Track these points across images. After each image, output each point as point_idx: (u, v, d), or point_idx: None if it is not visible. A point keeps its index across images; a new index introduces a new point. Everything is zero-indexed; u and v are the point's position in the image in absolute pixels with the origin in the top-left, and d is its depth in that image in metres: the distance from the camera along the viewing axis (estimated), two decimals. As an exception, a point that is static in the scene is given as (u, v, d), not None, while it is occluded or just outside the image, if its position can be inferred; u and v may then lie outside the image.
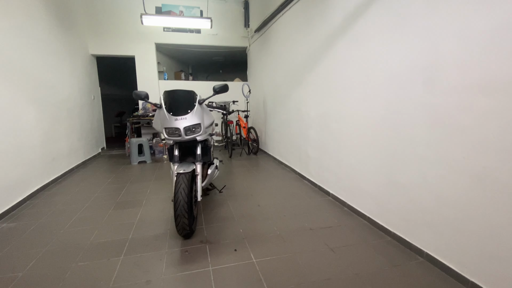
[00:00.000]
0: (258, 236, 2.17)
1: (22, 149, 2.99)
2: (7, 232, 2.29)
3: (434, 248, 1.75)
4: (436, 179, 1.69)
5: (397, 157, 1.99)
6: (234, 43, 6.33)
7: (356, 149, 2.48)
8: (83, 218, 2.55)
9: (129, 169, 4.43)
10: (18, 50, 3.04)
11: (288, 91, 4.03)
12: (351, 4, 2.42)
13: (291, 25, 3.79)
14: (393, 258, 1.84)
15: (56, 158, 3.77)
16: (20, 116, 3.00)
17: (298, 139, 3.79)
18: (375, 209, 2.28)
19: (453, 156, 1.57)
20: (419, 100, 1.77)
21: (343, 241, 2.07)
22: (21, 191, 2.92)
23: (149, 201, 2.95)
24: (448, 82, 1.57)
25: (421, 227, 1.83)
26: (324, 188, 3.10)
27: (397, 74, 1.94)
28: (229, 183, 3.54)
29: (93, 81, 5.64)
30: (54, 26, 3.99)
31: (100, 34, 5.56)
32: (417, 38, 1.76)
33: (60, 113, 4.02)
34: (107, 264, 1.82)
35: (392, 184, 2.06)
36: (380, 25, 2.08)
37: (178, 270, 1.75)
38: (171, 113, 2.15)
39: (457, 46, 1.51)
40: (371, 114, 2.24)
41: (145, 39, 5.82)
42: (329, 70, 2.86)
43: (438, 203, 1.69)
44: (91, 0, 5.42)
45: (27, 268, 1.78)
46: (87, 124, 5.10)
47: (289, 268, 1.75)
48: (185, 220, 1.97)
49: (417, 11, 1.75)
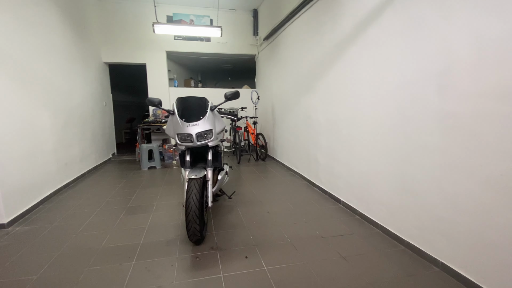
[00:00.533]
0: (269, 243, 2.15)
1: (37, 154, 3.06)
2: (22, 235, 2.33)
3: (450, 258, 1.71)
4: (451, 187, 1.66)
5: (411, 164, 1.96)
6: (243, 51, 6.41)
7: (367, 155, 2.46)
8: (95, 222, 2.58)
9: (139, 175, 4.48)
10: (34, 57, 3.14)
11: (297, 97, 4.04)
12: (362, 11, 2.43)
13: (300, 32, 3.82)
14: (407, 268, 1.80)
15: (68, 163, 3.84)
16: (35, 121, 3.09)
17: (307, 146, 3.78)
18: (387, 217, 2.24)
19: (469, 163, 1.54)
20: (432, 106, 1.76)
21: (355, 249, 2.04)
22: (35, 195, 2.98)
23: (159, 207, 2.97)
24: (463, 88, 1.56)
25: (436, 235, 1.79)
26: (335, 195, 3.07)
27: (410, 80, 1.93)
28: (238, 189, 3.54)
29: (105, 88, 5.77)
30: (69, 35, 4.12)
31: (113, 43, 5.71)
32: (431, 44, 1.76)
33: (73, 119, 4.11)
34: (119, 268, 1.84)
35: (405, 192, 2.03)
36: (392, 30, 2.09)
37: (190, 276, 1.75)
38: (184, 119, 2.18)
39: (472, 51, 1.50)
40: (383, 120, 2.23)
41: (156, 47, 5.95)
42: (339, 76, 2.86)
43: (454, 211, 1.65)
44: (105, 10, 5.60)
45: (41, 271, 1.80)
46: (98, 130, 5.20)
47: (301, 276, 1.73)
48: (197, 225, 1.97)
49: (431, 17, 1.75)
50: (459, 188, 1.61)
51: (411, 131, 1.94)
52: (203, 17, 6.04)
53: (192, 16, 5.99)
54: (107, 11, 5.61)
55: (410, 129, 1.95)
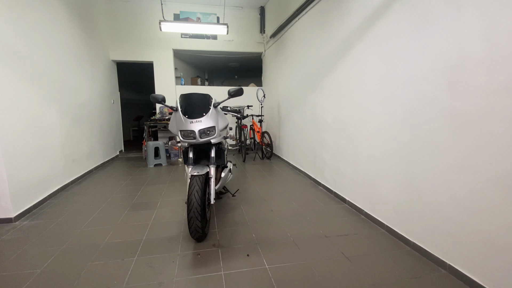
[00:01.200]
0: (271, 241, 2.13)
1: (45, 150, 3.11)
2: (28, 229, 2.37)
3: (458, 260, 1.65)
4: (460, 187, 1.60)
5: (418, 163, 1.91)
6: (250, 49, 6.38)
7: (374, 154, 2.41)
8: (100, 218, 2.60)
9: (145, 172, 4.51)
10: (44, 55, 3.19)
11: (303, 95, 4.00)
12: (369, 7, 2.37)
13: (307, 29, 3.77)
14: (413, 269, 1.75)
15: (76, 159, 3.89)
16: (44, 118, 3.14)
17: (313, 144, 3.73)
18: (394, 218, 2.19)
19: (479, 162, 1.48)
20: (442, 103, 1.70)
21: (360, 250, 2.00)
22: (42, 191, 3.03)
23: (163, 203, 2.98)
24: (474, 84, 1.50)
25: (444, 237, 1.73)
26: (340, 194, 3.02)
27: (418, 76, 1.87)
28: (242, 187, 3.52)
29: (113, 86, 5.83)
30: (78, 33, 4.17)
31: (121, 41, 5.76)
32: (440, 39, 1.69)
33: (81, 116, 4.17)
34: (122, 264, 1.84)
35: (412, 192, 1.98)
36: (400, 26, 2.03)
37: (191, 273, 1.74)
38: (187, 116, 2.17)
39: (483, 46, 1.44)
40: (390, 118, 2.17)
41: (163, 46, 5.98)
42: (346, 73, 2.81)
43: (463, 212, 1.59)
44: (113, 8, 5.65)
45: (45, 265, 1.83)
46: (106, 127, 5.26)
47: (303, 276, 1.70)
48: (198, 222, 1.96)
49: (440, 10, 1.69)
50: (468, 187, 1.55)
51: (419, 128, 1.89)
52: (209, 15, 6.03)
53: (199, 14, 5.99)
54: (115, 9, 5.66)
55: (418, 126, 1.89)
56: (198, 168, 2.15)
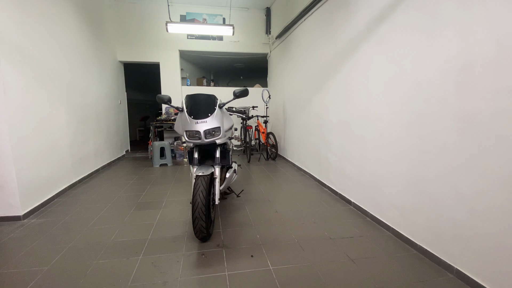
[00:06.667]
0: (276, 243, 2.12)
1: (53, 149, 3.16)
2: (36, 227, 2.41)
3: (465, 264, 1.62)
4: (468, 190, 1.57)
5: (425, 165, 1.88)
6: (255, 50, 6.39)
7: (380, 156, 2.38)
8: (106, 217, 2.63)
9: (151, 172, 4.54)
10: (52, 56, 3.24)
11: (309, 96, 3.99)
12: (376, 7, 2.36)
13: (313, 30, 3.76)
14: (420, 273, 1.72)
15: (83, 158, 3.95)
16: (52, 117, 3.19)
17: (318, 145, 3.71)
18: (400, 220, 2.16)
19: (487, 164, 1.46)
20: (450, 105, 1.67)
21: (365, 252, 1.98)
22: (50, 189, 3.08)
23: (168, 203, 3.00)
24: (482, 85, 1.47)
25: (451, 241, 1.71)
26: (345, 196, 3.00)
27: (426, 77, 1.85)
28: (246, 188, 3.52)
29: (120, 86, 5.90)
30: (86, 34, 4.23)
31: (128, 42, 5.83)
32: (449, 39, 1.67)
33: (88, 116, 4.22)
34: (127, 263, 1.86)
35: (419, 194, 1.95)
36: (407, 26, 2.01)
37: (195, 273, 1.75)
38: (192, 116, 2.19)
39: (492, 47, 1.42)
40: (397, 120, 2.15)
41: (169, 46, 6.03)
42: (351, 74, 2.79)
43: (471, 216, 1.57)
44: (121, 9, 5.72)
45: (52, 263, 1.85)
46: (113, 127, 5.32)
47: (307, 278, 1.69)
48: (203, 223, 1.97)
49: (448, 10, 1.67)
50: (476, 190, 1.53)
51: (426, 130, 1.86)
52: (216, 16, 6.06)
53: (205, 15, 6.03)
54: (122, 10, 5.73)
55: (425, 128, 1.87)
56: (203, 169, 2.16)
